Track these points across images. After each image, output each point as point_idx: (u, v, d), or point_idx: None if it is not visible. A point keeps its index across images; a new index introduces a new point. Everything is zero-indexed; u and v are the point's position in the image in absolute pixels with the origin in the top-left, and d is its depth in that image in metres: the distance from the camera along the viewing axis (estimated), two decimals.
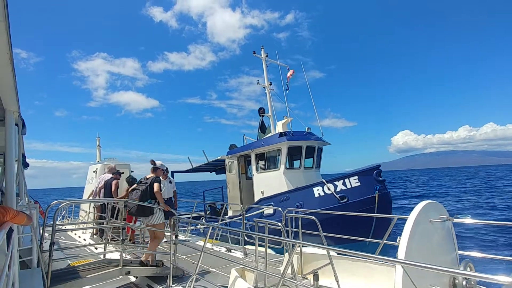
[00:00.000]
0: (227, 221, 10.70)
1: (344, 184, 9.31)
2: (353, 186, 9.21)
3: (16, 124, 3.39)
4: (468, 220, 3.32)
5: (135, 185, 5.63)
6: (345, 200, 9.09)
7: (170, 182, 8.65)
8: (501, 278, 1.49)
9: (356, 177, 9.26)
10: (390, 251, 6.64)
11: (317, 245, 2.88)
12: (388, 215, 4.93)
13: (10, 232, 2.70)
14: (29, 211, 3.99)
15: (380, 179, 9.02)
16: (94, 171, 11.30)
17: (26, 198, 5.35)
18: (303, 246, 4.82)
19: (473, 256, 3.25)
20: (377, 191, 8.80)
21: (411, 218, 2.59)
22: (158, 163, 5.83)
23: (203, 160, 14.73)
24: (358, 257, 2.11)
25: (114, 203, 6.85)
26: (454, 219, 3.12)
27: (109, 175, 8.47)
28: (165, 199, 8.30)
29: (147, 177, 5.55)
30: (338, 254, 4.39)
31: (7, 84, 2.50)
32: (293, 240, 3.17)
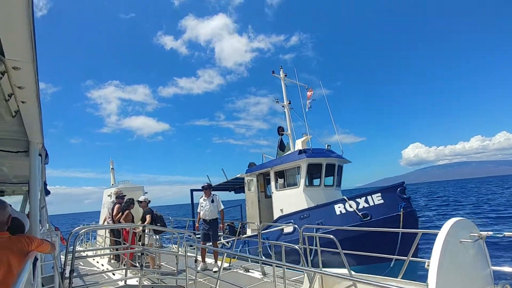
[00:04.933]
0: (244, 239, 10.65)
1: (366, 201, 9.14)
2: (376, 203, 9.01)
3: (40, 155, 3.47)
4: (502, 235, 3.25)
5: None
6: (368, 218, 8.87)
7: (213, 201, 7.77)
8: None
9: (379, 194, 9.08)
10: (416, 269, 6.37)
11: (338, 274, 2.81)
12: (412, 229, 4.85)
13: (35, 261, 2.73)
14: (51, 238, 4.05)
15: (405, 196, 8.82)
16: (108, 195, 11.38)
17: (47, 225, 5.54)
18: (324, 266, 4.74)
19: (509, 272, 3.16)
20: (401, 209, 8.65)
21: (440, 239, 2.41)
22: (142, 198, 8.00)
23: (217, 180, 14.75)
24: (383, 283, 2.11)
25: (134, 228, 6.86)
26: (486, 236, 2.99)
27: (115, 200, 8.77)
28: (208, 220, 7.70)
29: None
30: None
31: (34, 119, 2.63)
32: (313, 269, 3.00)
